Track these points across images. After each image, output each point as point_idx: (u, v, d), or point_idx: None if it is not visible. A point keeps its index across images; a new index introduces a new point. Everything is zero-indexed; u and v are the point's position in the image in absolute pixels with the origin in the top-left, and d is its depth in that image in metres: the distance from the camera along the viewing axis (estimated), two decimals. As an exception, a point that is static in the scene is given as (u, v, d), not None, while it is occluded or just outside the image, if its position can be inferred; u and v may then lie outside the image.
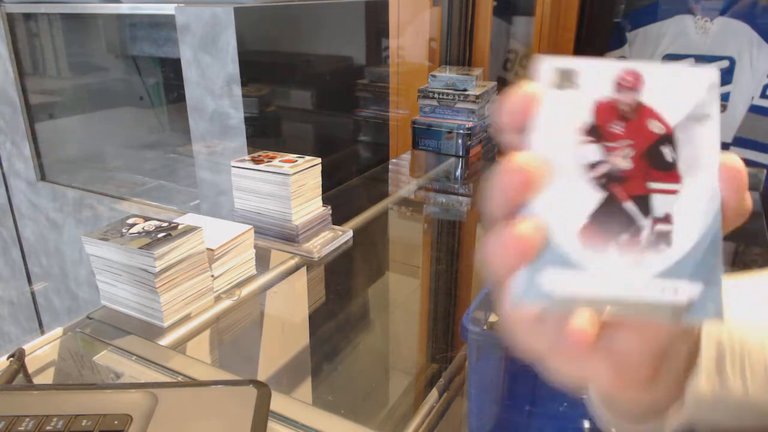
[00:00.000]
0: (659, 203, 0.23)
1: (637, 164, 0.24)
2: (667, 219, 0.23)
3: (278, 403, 0.52)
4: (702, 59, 1.38)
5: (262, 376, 0.75)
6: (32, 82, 1.64)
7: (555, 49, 1.62)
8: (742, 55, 1.32)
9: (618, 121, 0.24)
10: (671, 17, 1.41)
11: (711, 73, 0.24)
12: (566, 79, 0.24)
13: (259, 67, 1.20)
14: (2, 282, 1.94)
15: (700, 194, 0.23)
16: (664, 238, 0.23)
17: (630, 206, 0.23)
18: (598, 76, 0.24)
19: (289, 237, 0.89)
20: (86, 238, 0.69)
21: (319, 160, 0.91)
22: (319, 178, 0.92)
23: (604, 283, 0.23)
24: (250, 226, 0.81)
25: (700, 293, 0.23)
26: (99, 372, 0.63)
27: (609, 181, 0.24)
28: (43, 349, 0.64)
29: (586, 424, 0.60)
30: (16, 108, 1.63)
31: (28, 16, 1.61)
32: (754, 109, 1.30)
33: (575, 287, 0.23)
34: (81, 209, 1.62)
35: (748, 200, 0.24)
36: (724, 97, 1.36)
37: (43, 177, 1.69)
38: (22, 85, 1.61)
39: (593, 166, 0.24)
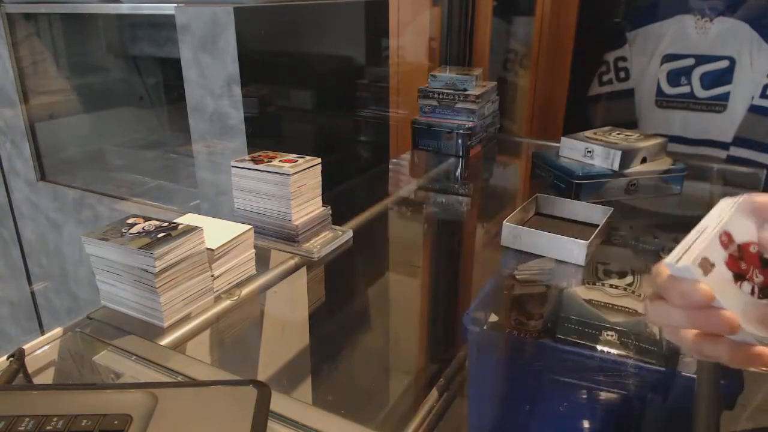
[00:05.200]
0: None
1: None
2: None
3: (278, 403, 0.52)
4: (702, 59, 1.38)
5: (262, 376, 0.75)
6: (32, 82, 1.64)
7: (555, 49, 1.61)
8: (742, 55, 1.33)
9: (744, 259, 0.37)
10: (671, 17, 1.41)
11: None
12: (704, 264, 0.34)
13: (259, 67, 1.20)
14: (2, 282, 1.94)
15: None
16: None
17: None
18: (716, 249, 0.35)
19: (289, 237, 0.89)
20: (86, 238, 0.69)
21: (319, 160, 0.91)
22: (319, 178, 0.92)
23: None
24: (250, 226, 0.81)
25: None
26: (99, 372, 0.63)
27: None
28: (43, 349, 0.64)
29: (586, 424, 0.60)
30: (16, 108, 1.63)
31: (28, 17, 1.61)
32: (754, 109, 1.30)
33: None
34: (81, 209, 1.62)
35: None
36: (724, 97, 1.36)
37: (43, 177, 1.69)
38: (22, 85, 1.61)
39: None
